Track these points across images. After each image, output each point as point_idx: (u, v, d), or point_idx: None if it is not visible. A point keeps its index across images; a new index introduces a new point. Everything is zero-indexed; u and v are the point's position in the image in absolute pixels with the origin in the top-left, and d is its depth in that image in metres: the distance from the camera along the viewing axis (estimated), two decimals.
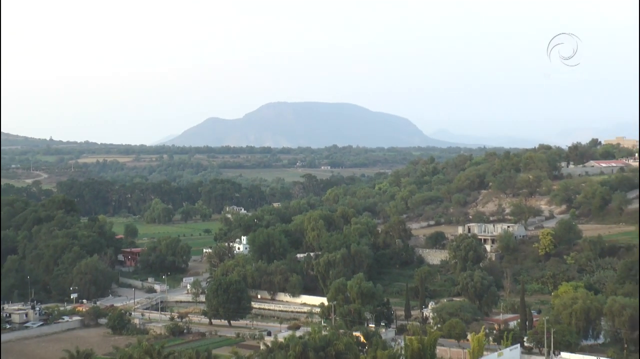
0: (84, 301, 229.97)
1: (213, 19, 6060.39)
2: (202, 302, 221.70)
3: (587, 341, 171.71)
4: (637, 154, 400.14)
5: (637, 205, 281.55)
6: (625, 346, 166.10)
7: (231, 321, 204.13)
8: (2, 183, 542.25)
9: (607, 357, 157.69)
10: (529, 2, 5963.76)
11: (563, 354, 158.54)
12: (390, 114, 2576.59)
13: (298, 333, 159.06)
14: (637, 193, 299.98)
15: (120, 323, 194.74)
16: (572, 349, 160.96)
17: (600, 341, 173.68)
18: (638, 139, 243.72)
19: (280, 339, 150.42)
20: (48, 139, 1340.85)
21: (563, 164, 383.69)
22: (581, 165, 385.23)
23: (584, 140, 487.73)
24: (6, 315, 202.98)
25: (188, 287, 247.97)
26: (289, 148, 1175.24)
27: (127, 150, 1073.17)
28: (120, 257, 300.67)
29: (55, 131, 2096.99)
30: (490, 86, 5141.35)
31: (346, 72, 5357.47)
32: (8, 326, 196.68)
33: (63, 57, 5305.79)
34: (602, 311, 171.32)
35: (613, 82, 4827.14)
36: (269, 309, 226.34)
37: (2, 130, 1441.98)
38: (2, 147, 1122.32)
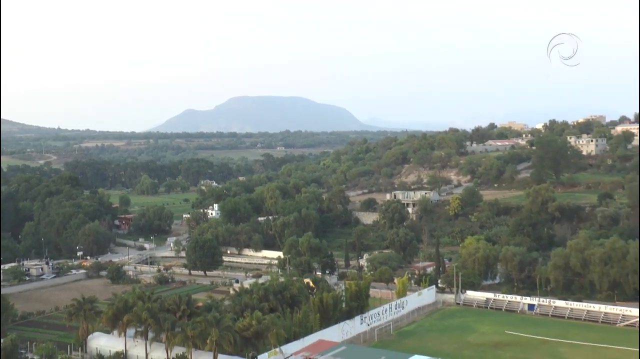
0: (88, 257, 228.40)
1: (187, 32, 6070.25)
2: (182, 257, 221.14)
3: (487, 281, 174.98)
4: (530, 136, 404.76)
5: (526, 175, 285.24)
6: (515, 284, 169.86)
7: (206, 272, 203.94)
8: (20, 164, 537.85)
9: (502, 293, 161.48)
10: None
11: (468, 292, 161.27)
12: (332, 105, 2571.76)
13: (260, 281, 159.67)
14: (526, 165, 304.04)
15: (117, 274, 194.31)
16: (475, 288, 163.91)
17: (497, 281, 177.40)
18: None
19: (246, 285, 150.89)
20: (56, 127, 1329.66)
21: (468, 143, 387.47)
22: (481, 144, 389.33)
23: (484, 124, 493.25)
24: (26, 269, 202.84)
25: (171, 245, 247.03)
26: (251, 133, 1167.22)
27: (120, 136, 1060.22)
28: (117, 222, 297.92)
29: (62, 121, 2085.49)
30: (412, 81, 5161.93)
31: (296, 71, 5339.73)
32: (27, 278, 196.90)
33: (70, 64, 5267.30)
34: (498, 258, 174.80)
35: (506, 77, 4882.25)
36: (236, 262, 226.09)
37: (20, 121, 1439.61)
38: (20, 135, 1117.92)
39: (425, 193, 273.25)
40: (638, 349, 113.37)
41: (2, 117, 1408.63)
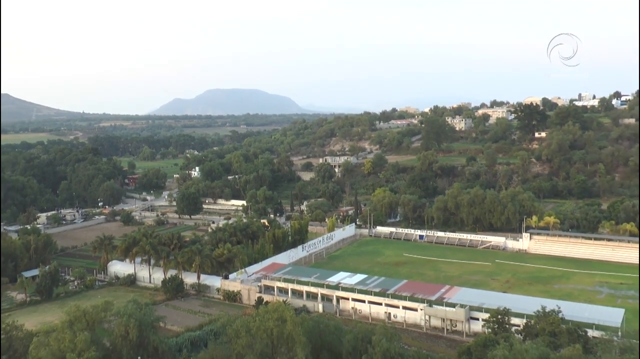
0: (106, 206, 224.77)
1: (178, 40, 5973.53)
2: (174, 205, 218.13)
3: (390, 220, 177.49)
4: (420, 117, 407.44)
5: (418, 144, 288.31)
6: (410, 221, 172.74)
7: (191, 216, 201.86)
8: (56, 139, 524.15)
9: (401, 228, 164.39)
10: None
11: (378, 227, 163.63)
12: (279, 95, 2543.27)
13: (230, 222, 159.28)
14: (418, 137, 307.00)
15: (127, 218, 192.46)
16: (382, 224, 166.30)
17: (397, 219, 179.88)
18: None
19: (220, 225, 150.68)
20: (81, 112, 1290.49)
21: (377, 122, 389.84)
22: (387, 123, 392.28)
23: (388, 108, 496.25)
24: (62, 215, 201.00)
25: (166, 197, 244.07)
26: (222, 115, 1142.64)
27: (127, 118, 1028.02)
28: (126, 181, 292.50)
29: (86, 106, 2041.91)
30: (338, 75, 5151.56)
31: (254, 70, 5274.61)
32: (64, 222, 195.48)
33: (92, 63, 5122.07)
34: (398, 203, 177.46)
35: (405, 73, 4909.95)
36: (212, 208, 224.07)
37: (55, 107, 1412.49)
38: (55, 118, 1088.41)
39: (347, 158, 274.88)
40: None
41: (43, 105, 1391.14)
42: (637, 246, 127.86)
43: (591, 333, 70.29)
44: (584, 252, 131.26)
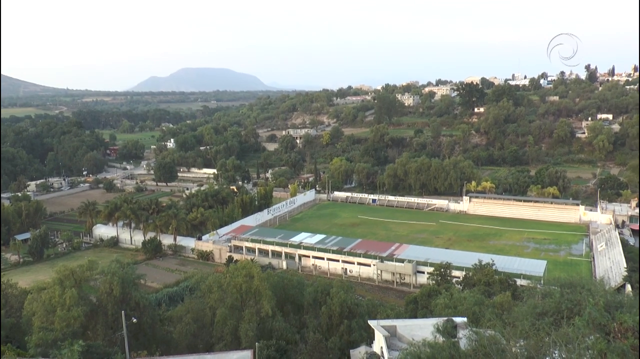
0: (90, 175, 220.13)
1: (153, 26, 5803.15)
2: (151, 174, 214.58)
3: (347, 185, 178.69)
4: (373, 94, 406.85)
5: (371, 118, 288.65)
6: (364, 187, 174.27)
7: (167, 183, 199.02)
8: (43, 113, 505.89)
9: (356, 193, 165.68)
10: None
11: (335, 192, 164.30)
12: (246, 74, 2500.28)
13: (202, 188, 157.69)
14: (371, 112, 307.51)
15: (109, 186, 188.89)
16: (339, 190, 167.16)
17: (353, 185, 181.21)
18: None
19: (194, 191, 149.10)
20: (66, 88, 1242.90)
21: (334, 98, 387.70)
22: (343, 99, 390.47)
23: (345, 86, 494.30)
24: (50, 184, 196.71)
25: (144, 166, 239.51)
26: (194, 92, 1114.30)
27: (108, 94, 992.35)
28: (108, 151, 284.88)
29: (70, 83, 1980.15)
30: (299, 56, 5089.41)
31: (222, 50, 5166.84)
32: (52, 189, 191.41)
33: (79, 44, 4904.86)
34: (354, 171, 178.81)
35: (359, 56, 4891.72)
36: (186, 176, 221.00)
37: (41, 84, 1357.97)
38: (42, 94, 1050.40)
39: (308, 130, 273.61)
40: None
41: (29, 81, 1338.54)
42: (559, 206, 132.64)
43: (519, 281, 72.90)
44: (515, 213, 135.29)
